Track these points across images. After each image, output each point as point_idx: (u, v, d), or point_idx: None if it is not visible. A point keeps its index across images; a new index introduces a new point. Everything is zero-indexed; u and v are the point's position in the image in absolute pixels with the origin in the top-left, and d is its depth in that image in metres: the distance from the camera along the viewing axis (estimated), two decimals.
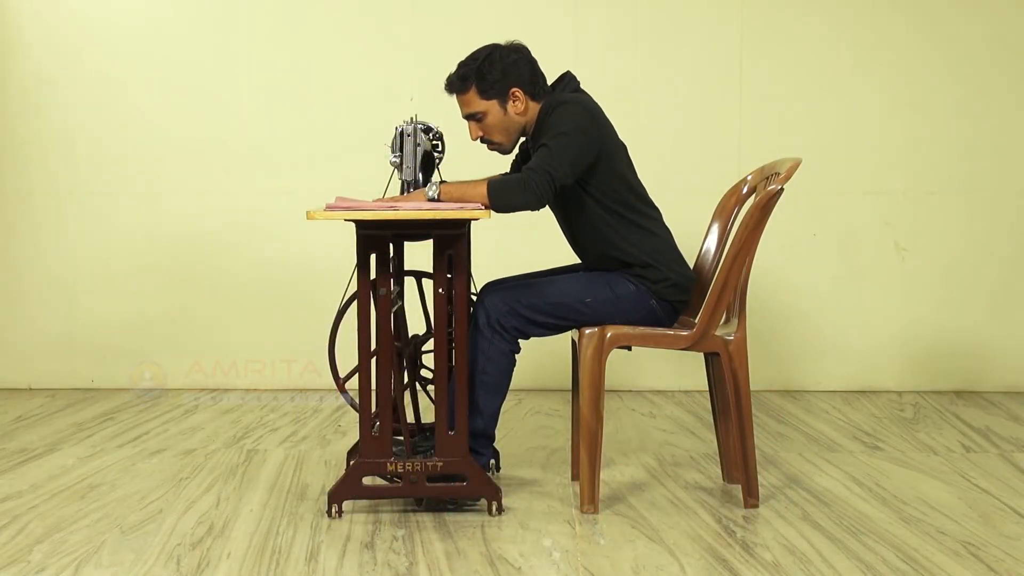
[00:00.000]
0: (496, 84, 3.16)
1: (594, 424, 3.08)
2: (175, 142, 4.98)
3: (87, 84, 4.97)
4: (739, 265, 3.08)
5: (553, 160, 3.00)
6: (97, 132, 4.98)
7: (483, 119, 3.20)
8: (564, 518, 3.06)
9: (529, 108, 3.19)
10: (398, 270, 3.29)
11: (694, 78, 4.92)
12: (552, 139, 3.04)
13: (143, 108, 4.98)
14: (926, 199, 4.99)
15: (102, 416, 4.43)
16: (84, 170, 4.99)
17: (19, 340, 5.05)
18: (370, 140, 4.55)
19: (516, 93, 3.17)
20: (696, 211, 3.88)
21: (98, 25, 4.96)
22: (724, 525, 3.01)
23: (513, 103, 3.18)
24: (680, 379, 4.97)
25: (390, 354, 3.06)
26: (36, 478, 3.48)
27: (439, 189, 3.06)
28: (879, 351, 5.02)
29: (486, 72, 3.15)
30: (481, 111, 3.19)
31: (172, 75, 4.97)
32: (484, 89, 3.16)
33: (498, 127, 3.21)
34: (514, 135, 3.24)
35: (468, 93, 3.18)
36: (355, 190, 4.31)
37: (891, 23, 4.95)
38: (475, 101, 3.18)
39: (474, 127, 3.23)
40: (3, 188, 5.00)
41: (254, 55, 4.96)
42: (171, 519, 3.06)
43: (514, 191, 2.99)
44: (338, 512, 3.04)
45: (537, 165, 3.00)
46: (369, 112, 4.91)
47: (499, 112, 3.19)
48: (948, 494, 3.31)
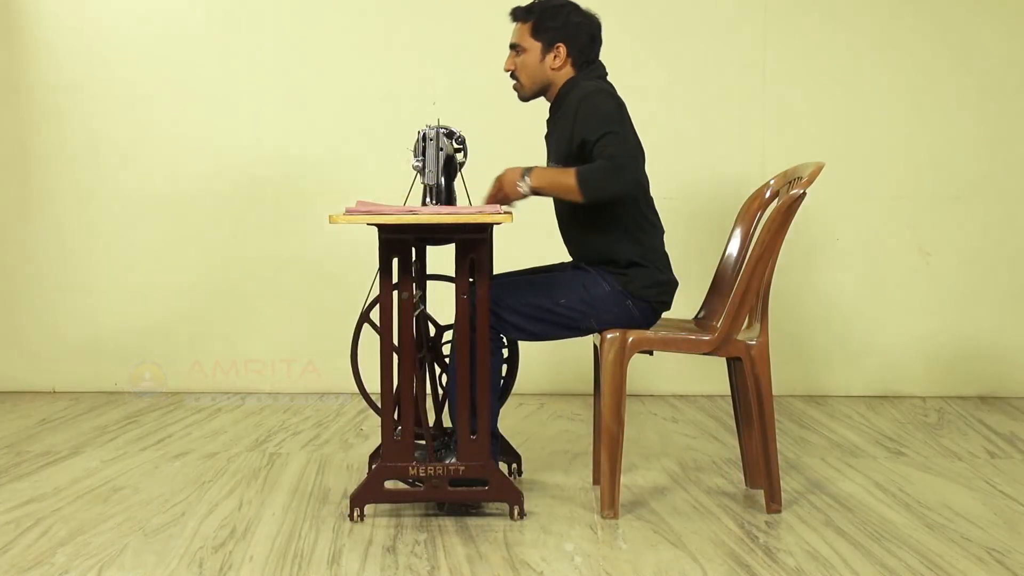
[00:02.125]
0: (549, 31, 3.20)
1: (615, 429, 3.08)
2: (199, 147, 5.00)
3: (111, 89, 5.00)
4: (761, 269, 3.07)
5: (629, 147, 3.01)
6: (121, 137, 5.01)
7: (521, 54, 3.24)
8: (586, 523, 3.06)
9: (564, 71, 3.22)
10: (420, 274, 3.29)
11: (717, 82, 4.91)
12: (611, 127, 3.03)
13: (166, 113, 5.00)
14: (950, 204, 4.96)
15: (125, 419, 4.45)
16: (108, 174, 5.02)
17: (43, 343, 5.08)
18: (392, 144, 4.56)
19: (560, 49, 3.20)
20: (719, 215, 3.87)
21: (122, 31, 4.99)
22: (747, 530, 3.00)
23: (554, 57, 3.21)
24: (702, 384, 4.96)
25: (412, 358, 3.06)
26: (60, 481, 3.50)
27: (532, 174, 3.06)
28: (903, 356, 4.99)
29: (548, 16, 3.20)
30: (524, 46, 3.23)
31: (195, 80, 4.99)
32: (537, 29, 3.21)
33: (528, 69, 3.24)
34: (537, 85, 3.26)
35: (524, 25, 3.24)
36: (377, 194, 4.32)
37: (915, 29, 4.93)
38: (525, 35, 3.23)
39: (511, 58, 3.27)
40: (28, 192, 5.03)
41: (279, 60, 4.98)
42: (194, 522, 3.06)
43: (610, 178, 2.97)
44: (360, 516, 3.05)
45: (619, 151, 2.99)
46: (391, 116, 4.92)
47: (537, 56, 3.22)
48: (972, 500, 3.29)
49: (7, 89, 5.00)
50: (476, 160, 3.46)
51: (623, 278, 3.14)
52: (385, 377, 3.05)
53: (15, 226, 5.04)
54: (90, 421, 4.42)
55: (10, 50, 4.99)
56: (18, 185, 5.03)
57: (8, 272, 5.07)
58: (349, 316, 3.70)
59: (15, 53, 4.99)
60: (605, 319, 3.14)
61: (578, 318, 3.14)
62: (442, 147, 3.19)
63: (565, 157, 3.16)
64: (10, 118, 5.01)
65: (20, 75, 5.00)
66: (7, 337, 5.08)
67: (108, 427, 4.30)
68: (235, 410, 4.64)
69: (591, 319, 3.14)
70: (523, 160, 3.33)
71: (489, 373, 3.05)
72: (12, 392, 5.04)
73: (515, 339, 3.32)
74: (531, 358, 4.02)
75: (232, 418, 4.48)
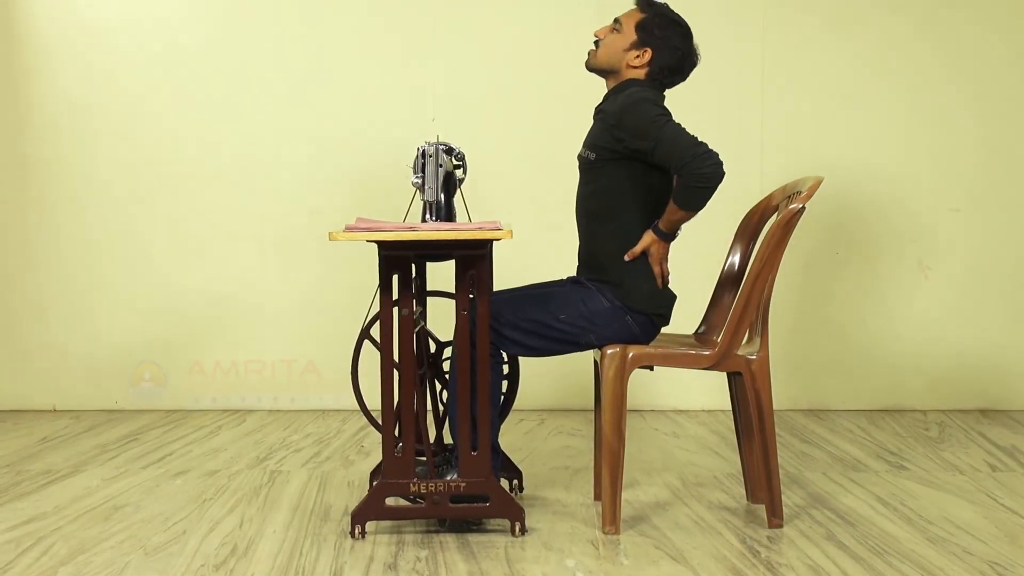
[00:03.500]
0: (651, 33, 3.21)
1: (616, 444, 3.07)
2: (199, 164, 5.01)
3: (110, 106, 5.00)
4: (761, 283, 3.07)
5: (684, 138, 3.01)
6: (120, 153, 5.01)
7: (616, 31, 3.25)
8: (587, 539, 3.05)
9: (636, 71, 3.23)
10: (421, 290, 3.29)
11: (716, 96, 4.91)
12: (664, 128, 3.04)
13: (166, 129, 5.01)
14: (950, 217, 4.97)
15: (126, 437, 4.45)
16: (108, 191, 5.02)
17: (44, 361, 5.07)
18: (392, 161, 4.57)
19: (647, 54, 3.21)
20: (719, 229, 3.88)
21: (122, 45, 4.99)
22: (748, 545, 2.99)
23: (638, 55, 3.22)
24: (703, 398, 4.96)
25: (413, 374, 3.06)
26: (60, 499, 3.49)
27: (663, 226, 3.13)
28: (903, 370, 4.99)
29: (659, 23, 3.22)
30: (623, 28, 3.24)
31: (195, 97, 5.00)
32: (643, 25, 3.22)
33: (611, 48, 3.25)
34: (607, 64, 3.26)
35: (637, 12, 3.25)
36: (377, 211, 4.33)
37: (914, 41, 4.94)
38: (631, 20, 3.24)
39: (606, 29, 3.29)
40: (28, 210, 5.03)
41: (278, 77, 4.99)
42: (195, 540, 3.06)
43: (698, 187, 2.98)
44: (361, 533, 3.04)
45: (685, 149, 2.98)
46: (391, 132, 4.93)
47: (626, 44, 3.22)
48: (974, 514, 3.29)
49: (6, 105, 5.01)
50: (476, 176, 3.47)
51: (621, 290, 3.15)
52: (385, 393, 3.05)
53: (15, 243, 5.04)
54: (91, 439, 4.41)
55: (9, 64, 5.00)
56: (17, 201, 5.03)
57: (8, 290, 5.06)
58: (350, 328, 3.70)
59: (14, 67, 5.00)
60: (605, 334, 3.14)
61: (578, 333, 3.15)
62: (441, 163, 3.20)
63: (592, 144, 3.21)
64: (9, 133, 5.02)
65: (19, 90, 5.01)
66: (8, 355, 5.08)
67: (109, 445, 4.30)
68: (236, 427, 4.64)
69: (591, 334, 3.15)
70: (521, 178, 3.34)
71: (489, 389, 3.06)
72: (13, 410, 5.03)
73: (515, 355, 3.33)
74: (532, 374, 4.02)
75: (233, 435, 4.48)
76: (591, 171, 3.22)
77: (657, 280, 3.17)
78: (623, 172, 3.15)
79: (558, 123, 4.85)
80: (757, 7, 4.95)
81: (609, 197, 3.18)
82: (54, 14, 4.98)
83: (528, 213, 4.71)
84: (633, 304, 3.15)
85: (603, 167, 3.17)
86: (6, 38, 4.99)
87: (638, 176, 3.14)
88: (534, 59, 4.96)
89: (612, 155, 3.13)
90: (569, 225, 3.37)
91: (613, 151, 3.13)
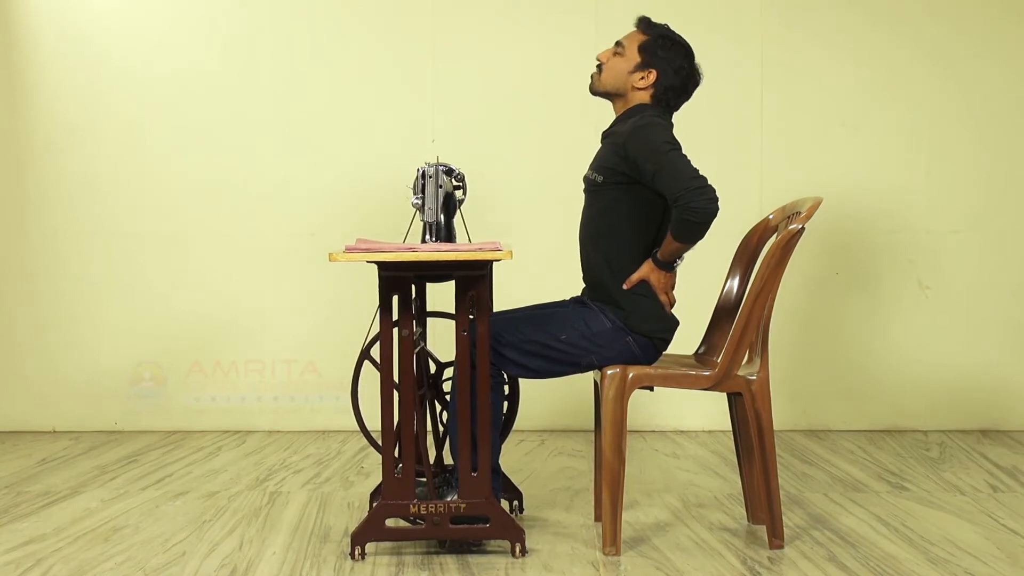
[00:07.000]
0: (655, 55, 3.22)
1: (616, 465, 3.07)
2: (198, 185, 5.01)
3: (111, 127, 5.01)
4: (761, 304, 3.07)
5: (686, 170, 3.03)
6: (121, 175, 5.02)
7: (619, 53, 3.26)
8: (588, 560, 3.05)
9: (642, 92, 3.24)
10: (420, 311, 3.30)
11: (715, 117, 4.92)
12: (667, 155, 3.05)
13: (166, 151, 5.02)
14: (949, 237, 4.98)
15: (125, 459, 4.44)
16: (108, 213, 5.02)
17: (43, 382, 5.07)
18: (392, 181, 4.58)
19: (651, 75, 3.22)
20: (718, 250, 3.88)
21: (122, 69, 5.00)
22: (749, 566, 2.99)
23: (642, 76, 3.23)
24: (703, 419, 4.95)
25: (412, 395, 3.06)
26: (60, 521, 3.49)
27: (662, 257, 3.14)
28: (904, 390, 4.99)
29: (662, 44, 3.23)
30: (625, 51, 3.25)
31: (195, 118, 5.01)
32: (646, 46, 3.23)
33: (615, 70, 3.26)
34: (611, 87, 3.27)
35: (639, 34, 3.27)
36: (377, 232, 4.33)
37: (912, 62, 4.96)
38: (633, 42, 3.25)
39: (608, 52, 3.29)
40: (28, 230, 5.04)
41: (277, 98, 5.01)
42: (194, 562, 3.05)
43: (691, 222, 2.99)
44: (361, 554, 3.04)
45: (683, 181, 2.99)
46: (391, 153, 4.94)
47: (630, 66, 3.23)
48: (975, 534, 3.28)
49: (6, 128, 5.02)
50: (475, 197, 3.47)
51: (623, 312, 3.15)
52: (385, 414, 3.04)
53: (14, 265, 5.05)
54: (90, 460, 4.41)
55: (10, 88, 5.01)
56: (17, 225, 5.04)
57: (8, 311, 5.06)
58: (351, 349, 3.70)
59: (15, 91, 5.01)
60: (606, 355, 3.14)
61: (579, 354, 3.15)
62: (441, 184, 3.20)
63: (600, 166, 3.22)
64: (9, 154, 5.03)
65: (19, 112, 5.02)
66: (7, 376, 5.07)
67: (108, 466, 4.29)
68: (235, 448, 4.63)
69: (592, 355, 3.14)
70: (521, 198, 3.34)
71: (490, 410, 3.05)
72: (12, 432, 5.02)
73: (516, 376, 3.32)
74: (532, 394, 4.02)
75: (232, 456, 4.47)
76: (597, 193, 3.23)
77: (664, 306, 3.17)
78: (629, 195, 3.15)
79: (559, 144, 4.87)
80: (756, 30, 4.97)
81: (615, 219, 3.18)
82: (55, 37, 4.99)
83: (528, 234, 4.72)
84: (635, 326, 3.15)
85: (610, 190, 3.18)
86: (6, 61, 5.00)
87: (644, 200, 3.15)
88: (533, 80, 4.98)
89: (620, 178, 3.14)
90: (569, 246, 3.37)
91: (621, 173, 3.13)
